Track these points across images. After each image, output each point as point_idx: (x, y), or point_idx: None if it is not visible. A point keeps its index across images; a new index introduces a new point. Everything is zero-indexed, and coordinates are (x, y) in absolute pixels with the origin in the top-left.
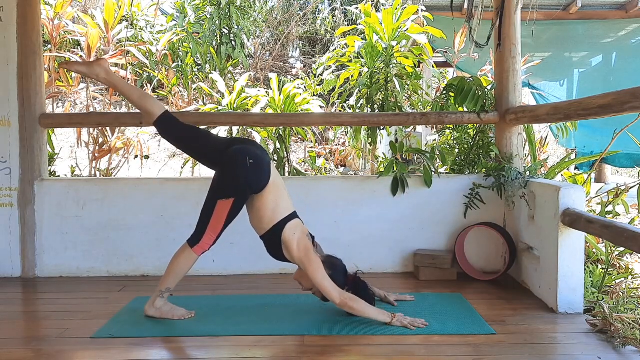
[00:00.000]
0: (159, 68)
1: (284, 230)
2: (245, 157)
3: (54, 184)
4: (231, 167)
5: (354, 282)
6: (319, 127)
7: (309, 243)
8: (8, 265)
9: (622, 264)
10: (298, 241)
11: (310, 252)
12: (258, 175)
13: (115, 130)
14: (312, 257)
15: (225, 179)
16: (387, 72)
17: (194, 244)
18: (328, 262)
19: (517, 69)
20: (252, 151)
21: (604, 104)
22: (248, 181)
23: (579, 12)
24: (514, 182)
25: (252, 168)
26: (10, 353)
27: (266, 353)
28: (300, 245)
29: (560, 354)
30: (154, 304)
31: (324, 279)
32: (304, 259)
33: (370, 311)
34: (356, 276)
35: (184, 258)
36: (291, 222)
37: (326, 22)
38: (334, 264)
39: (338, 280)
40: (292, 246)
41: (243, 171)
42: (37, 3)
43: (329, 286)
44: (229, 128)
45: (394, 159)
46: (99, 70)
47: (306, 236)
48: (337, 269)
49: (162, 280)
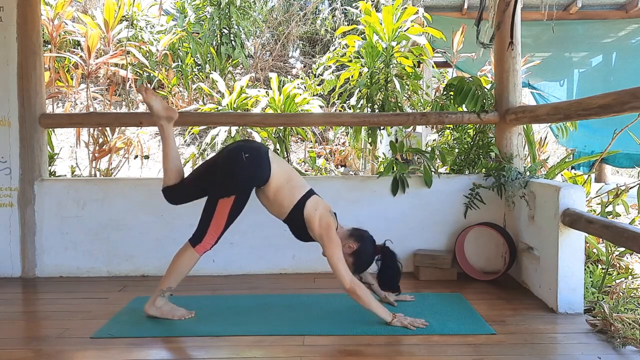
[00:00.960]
0: (159, 68)
1: (305, 208)
2: (240, 153)
3: (54, 184)
4: (228, 165)
5: (383, 251)
6: (319, 127)
7: (331, 220)
8: (8, 265)
9: (622, 264)
10: (320, 217)
11: (331, 230)
12: (257, 167)
13: (115, 130)
14: (332, 235)
15: (224, 177)
16: (387, 72)
17: (196, 243)
18: (356, 234)
19: (517, 69)
20: (245, 146)
21: (604, 104)
22: (247, 176)
23: (579, 12)
24: (514, 182)
25: (248, 162)
26: (10, 353)
27: (266, 353)
28: (322, 221)
29: (560, 354)
30: (154, 303)
31: (340, 261)
32: (324, 236)
33: (374, 304)
34: (384, 246)
35: (185, 257)
36: (311, 199)
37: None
38: (362, 236)
39: (367, 250)
40: (314, 222)
41: (240, 167)
42: (37, 3)
43: (343, 269)
44: (228, 128)
45: (394, 159)
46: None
47: (329, 212)
48: (366, 240)
49: (163, 279)
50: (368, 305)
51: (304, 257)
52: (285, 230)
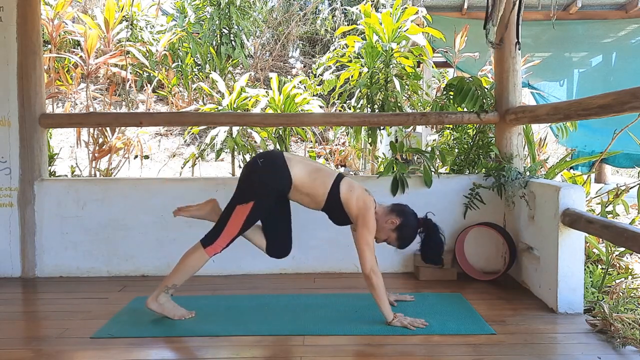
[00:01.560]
0: (159, 68)
1: (340, 192)
2: (256, 160)
3: (54, 184)
4: (246, 173)
5: (426, 224)
6: (319, 127)
7: (368, 200)
8: (8, 265)
9: (622, 264)
10: (357, 197)
11: (369, 212)
12: (272, 174)
13: (115, 130)
14: (368, 218)
15: (243, 184)
16: (387, 72)
17: (207, 244)
18: (397, 209)
19: (517, 69)
20: (261, 154)
21: (604, 104)
22: (264, 181)
23: (579, 12)
24: (513, 182)
25: (264, 167)
26: (10, 353)
27: (266, 353)
28: (360, 200)
29: (560, 354)
30: (157, 299)
31: (367, 246)
32: (360, 218)
33: (383, 298)
34: (427, 219)
35: (195, 257)
36: (343, 182)
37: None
38: (403, 210)
39: (410, 224)
40: (351, 202)
41: (255, 172)
42: (37, 3)
43: (368, 254)
44: (229, 128)
45: (394, 159)
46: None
47: (366, 192)
48: (408, 215)
49: (169, 276)
50: (378, 297)
51: (304, 257)
52: None
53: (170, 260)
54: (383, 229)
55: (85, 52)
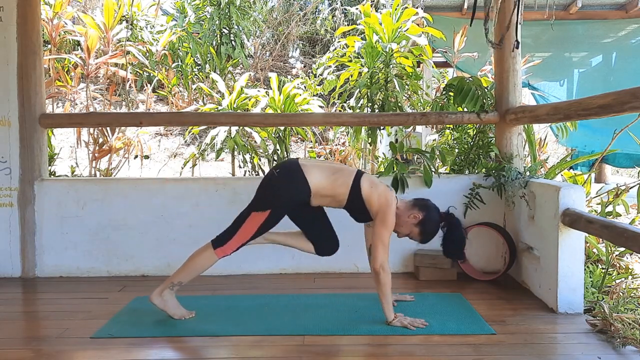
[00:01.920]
0: (159, 68)
1: (362, 189)
2: (272, 171)
3: (54, 184)
4: (263, 183)
5: (448, 218)
6: (319, 127)
7: (391, 196)
8: (8, 265)
9: (622, 264)
10: (379, 193)
11: (390, 208)
12: (291, 182)
13: (115, 130)
14: (389, 214)
15: (260, 193)
16: (387, 72)
17: (218, 246)
18: (419, 204)
19: (517, 69)
20: (277, 164)
21: (604, 104)
22: (282, 192)
23: (579, 12)
24: (514, 182)
25: (280, 177)
26: (10, 353)
27: (266, 353)
28: (382, 197)
29: (560, 354)
30: (161, 294)
31: (382, 243)
32: (379, 214)
33: (387, 297)
34: (449, 214)
35: (204, 257)
36: (363, 178)
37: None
38: (426, 205)
39: (433, 219)
40: (373, 199)
41: (273, 183)
42: (37, 3)
43: (381, 251)
44: (228, 128)
45: (394, 159)
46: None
47: (388, 188)
48: (431, 209)
49: (177, 273)
50: (382, 295)
51: (304, 257)
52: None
53: (170, 260)
54: (405, 224)
55: (85, 52)
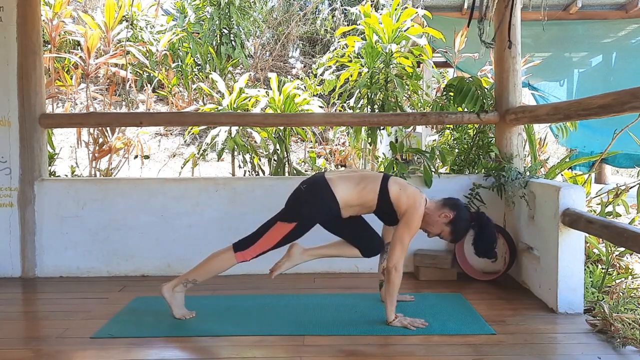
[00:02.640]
0: (159, 68)
1: (390, 192)
2: (300, 186)
3: (54, 184)
4: (293, 196)
5: (478, 217)
6: (319, 127)
7: (420, 198)
8: (8, 265)
9: (622, 264)
10: (408, 195)
11: (417, 210)
12: (318, 197)
13: (115, 130)
14: (415, 217)
15: (290, 205)
16: (387, 72)
17: (239, 250)
18: (449, 203)
19: (517, 69)
20: (305, 180)
21: (604, 104)
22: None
23: (579, 12)
24: (514, 182)
25: (307, 192)
26: (10, 353)
27: (266, 353)
28: (410, 198)
29: (560, 354)
30: (173, 288)
31: (401, 244)
32: (405, 216)
33: (393, 297)
34: (480, 213)
35: (223, 259)
36: (390, 181)
37: (326, 22)
38: (456, 204)
39: (463, 217)
40: (401, 201)
41: (298, 196)
42: (37, 3)
43: (399, 251)
44: (228, 128)
45: (394, 159)
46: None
47: (416, 190)
48: (460, 208)
49: (193, 270)
50: (389, 294)
51: None
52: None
53: (170, 261)
54: (436, 223)
55: (85, 52)
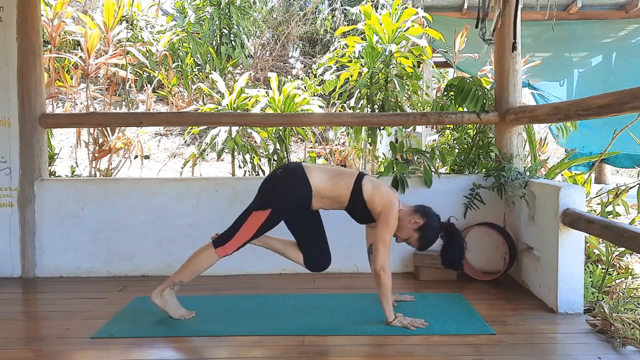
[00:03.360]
0: (159, 68)
1: (363, 189)
2: (275, 171)
3: (54, 184)
4: (266, 182)
5: (448, 228)
6: (319, 127)
7: (394, 198)
8: (8, 265)
9: (622, 264)
10: (382, 194)
11: (393, 209)
12: (294, 182)
13: (115, 130)
14: (391, 215)
15: (262, 192)
16: (387, 72)
17: (219, 245)
18: (421, 210)
19: (517, 69)
20: (281, 166)
21: (604, 104)
22: (282, 190)
23: (579, 12)
24: (514, 182)
25: (282, 176)
26: (10, 353)
27: (266, 353)
28: (384, 197)
29: (560, 354)
30: (162, 293)
31: (384, 244)
32: (382, 215)
33: (387, 298)
34: (450, 223)
35: (204, 256)
36: (365, 179)
37: (326, 22)
38: (427, 212)
39: (433, 226)
40: (375, 200)
41: (276, 182)
42: (37, 3)
43: (383, 252)
44: (229, 128)
45: (394, 159)
46: None
47: (391, 190)
48: (432, 217)
49: (178, 272)
50: (383, 295)
51: None
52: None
53: (170, 261)
54: (405, 228)
55: (85, 52)
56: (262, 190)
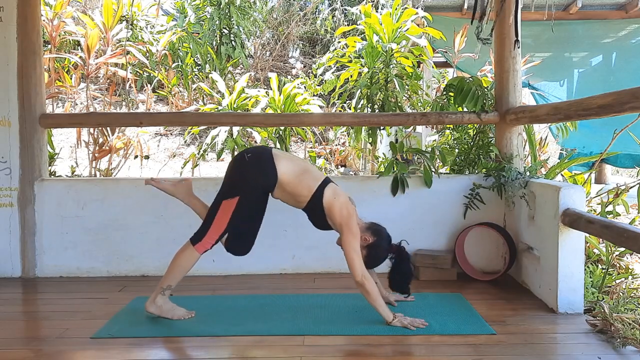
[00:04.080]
0: (159, 68)
1: (324, 196)
2: (243, 154)
3: (54, 184)
4: (232, 168)
5: (398, 251)
6: (319, 127)
7: (352, 209)
8: (8, 265)
9: (622, 264)
10: (341, 205)
11: (352, 219)
12: (260, 168)
13: (115, 130)
14: (352, 225)
15: (228, 179)
16: (387, 72)
17: (196, 241)
18: (373, 228)
19: (517, 69)
20: (250, 149)
21: (604, 104)
22: (250, 176)
23: (579, 12)
24: (514, 182)
25: (250, 162)
26: (10, 353)
27: (266, 353)
28: (344, 209)
29: (560, 354)
30: (154, 301)
31: (355, 253)
32: (344, 226)
33: (379, 301)
34: (400, 245)
35: (185, 256)
36: (328, 188)
37: (326, 22)
38: (379, 231)
39: (382, 246)
40: (334, 210)
41: (243, 168)
42: (37, 3)
43: (357, 261)
44: (229, 128)
45: (394, 159)
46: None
47: (349, 201)
48: (382, 236)
49: (164, 277)
50: (373, 301)
51: (304, 257)
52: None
53: (170, 261)
54: None
55: (85, 52)
56: (230, 177)
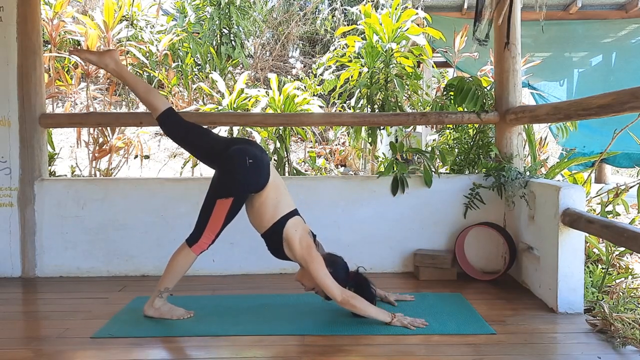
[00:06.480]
0: (159, 68)
1: (286, 228)
2: (245, 157)
3: (54, 184)
4: (230, 167)
5: (356, 279)
6: (319, 127)
7: (310, 240)
8: (8, 265)
9: (622, 264)
10: (300, 238)
11: (312, 249)
12: (257, 175)
13: (115, 130)
14: (314, 254)
15: (224, 178)
16: (387, 72)
17: (192, 243)
18: (329, 259)
19: (517, 69)
20: (251, 151)
21: (604, 104)
22: (247, 180)
23: (579, 12)
24: (514, 182)
25: (251, 168)
26: (10, 353)
27: (266, 353)
28: (303, 242)
29: (560, 354)
30: (152, 304)
31: (326, 277)
32: (306, 257)
33: (371, 310)
34: (358, 273)
35: (182, 257)
36: (292, 219)
37: (326, 22)
38: (335, 261)
39: (339, 277)
40: (294, 243)
41: (242, 171)
42: (37, 3)
43: (331, 284)
44: (229, 128)
45: (394, 159)
46: (108, 60)
47: (308, 234)
48: (338, 266)
49: (161, 280)
50: (365, 312)
51: None
52: None
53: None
54: (312, 277)
55: None
56: (227, 176)
